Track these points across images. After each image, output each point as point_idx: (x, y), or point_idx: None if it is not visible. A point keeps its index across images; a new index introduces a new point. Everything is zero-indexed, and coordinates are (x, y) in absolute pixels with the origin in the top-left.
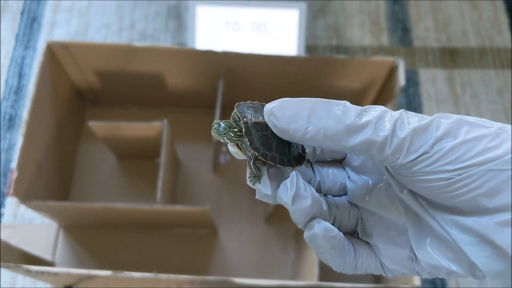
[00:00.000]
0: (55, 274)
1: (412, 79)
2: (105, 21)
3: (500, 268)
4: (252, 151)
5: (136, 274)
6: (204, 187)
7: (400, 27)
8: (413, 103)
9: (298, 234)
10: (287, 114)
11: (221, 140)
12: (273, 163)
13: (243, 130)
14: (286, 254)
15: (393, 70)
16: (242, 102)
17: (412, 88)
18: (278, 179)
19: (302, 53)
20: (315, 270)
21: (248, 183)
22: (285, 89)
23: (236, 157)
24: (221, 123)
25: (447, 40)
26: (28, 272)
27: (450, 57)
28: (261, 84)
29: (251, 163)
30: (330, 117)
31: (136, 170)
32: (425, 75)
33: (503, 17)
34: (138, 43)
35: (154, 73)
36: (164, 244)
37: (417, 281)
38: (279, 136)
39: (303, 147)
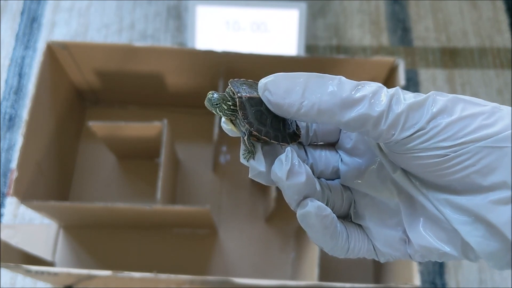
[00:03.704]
0: (55, 274)
1: (412, 79)
2: (105, 21)
3: (493, 247)
4: (246, 126)
5: (136, 274)
6: (204, 187)
7: (400, 27)
8: None
9: (298, 234)
10: (282, 89)
11: (214, 112)
12: (267, 139)
13: (237, 104)
14: (286, 254)
15: (393, 70)
16: (236, 79)
17: (412, 88)
18: (272, 157)
19: (302, 53)
20: (315, 270)
21: (242, 160)
22: None
23: (229, 134)
24: (215, 93)
25: (447, 40)
26: (28, 272)
27: (450, 57)
28: None
29: (245, 138)
30: (325, 91)
31: (136, 170)
32: (425, 75)
33: (503, 17)
34: (138, 43)
35: (154, 73)
36: (164, 244)
37: (417, 280)
38: (274, 111)
39: (297, 125)
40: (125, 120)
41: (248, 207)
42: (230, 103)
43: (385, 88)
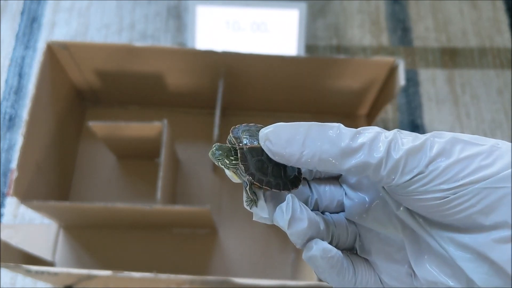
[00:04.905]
0: (55, 274)
1: (412, 79)
2: (105, 21)
3: (497, 284)
4: (248, 177)
5: (136, 274)
6: (204, 187)
7: (400, 27)
8: (413, 103)
9: None
10: (282, 139)
11: (216, 164)
12: (268, 188)
13: (239, 156)
14: (286, 254)
15: (393, 70)
16: (238, 125)
17: (412, 88)
18: (275, 201)
19: (302, 53)
20: None
21: (245, 206)
22: (285, 89)
23: (232, 181)
24: (218, 148)
25: (447, 40)
26: (28, 272)
27: (450, 57)
28: (261, 84)
29: (247, 188)
30: (325, 140)
31: (136, 170)
32: (425, 75)
33: (503, 17)
34: (138, 43)
35: (154, 73)
36: (164, 244)
37: None
38: (275, 160)
39: (299, 168)
40: (125, 120)
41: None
42: (232, 157)
43: (383, 133)
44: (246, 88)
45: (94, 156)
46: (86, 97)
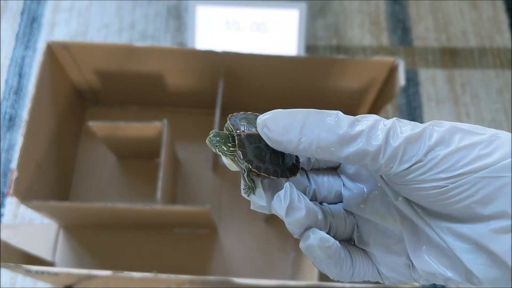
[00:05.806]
0: (55, 274)
1: (412, 79)
2: (105, 21)
3: (496, 275)
4: (246, 164)
5: (136, 274)
6: (204, 187)
7: (400, 27)
8: (413, 103)
9: None
10: (280, 126)
11: (213, 151)
12: (266, 175)
13: (236, 142)
14: (286, 254)
15: (393, 70)
16: (235, 113)
17: (412, 88)
18: (272, 190)
19: (302, 53)
20: (315, 270)
21: (243, 194)
22: (285, 89)
23: (230, 168)
24: (216, 135)
25: (447, 40)
26: (28, 272)
27: (450, 57)
28: (261, 84)
29: (245, 175)
30: (323, 128)
31: (136, 170)
32: (425, 75)
33: (503, 17)
34: (138, 43)
35: (154, 73)
36: (164, 244)
37: None
38: (273, 147)
39: (297, 156)
40: (125, 120)
41: (248, 207)
42: (229, 144)
43: (382, 121)
44: (246, 88)
45: (94, 156)
46: (86, 97)
